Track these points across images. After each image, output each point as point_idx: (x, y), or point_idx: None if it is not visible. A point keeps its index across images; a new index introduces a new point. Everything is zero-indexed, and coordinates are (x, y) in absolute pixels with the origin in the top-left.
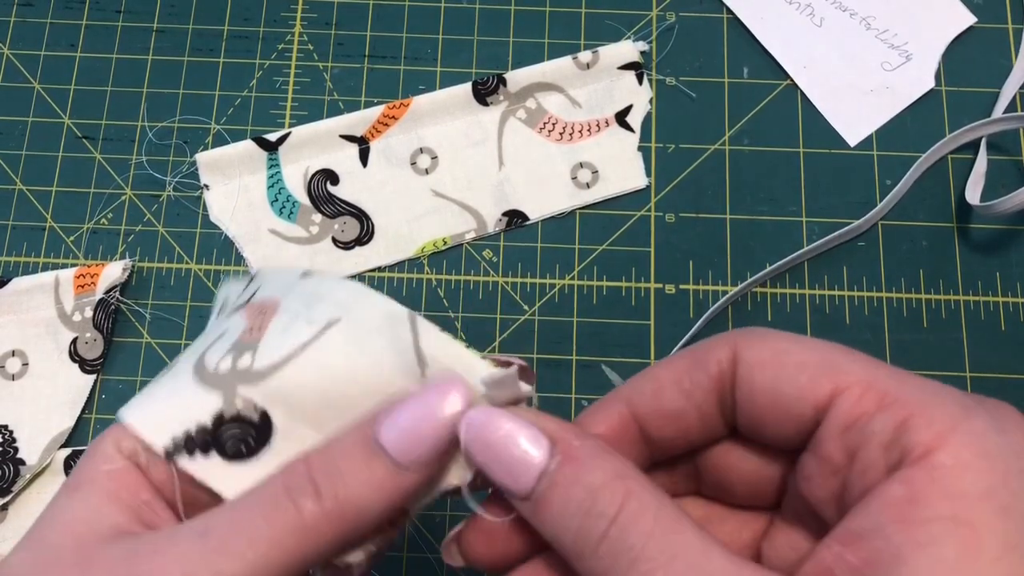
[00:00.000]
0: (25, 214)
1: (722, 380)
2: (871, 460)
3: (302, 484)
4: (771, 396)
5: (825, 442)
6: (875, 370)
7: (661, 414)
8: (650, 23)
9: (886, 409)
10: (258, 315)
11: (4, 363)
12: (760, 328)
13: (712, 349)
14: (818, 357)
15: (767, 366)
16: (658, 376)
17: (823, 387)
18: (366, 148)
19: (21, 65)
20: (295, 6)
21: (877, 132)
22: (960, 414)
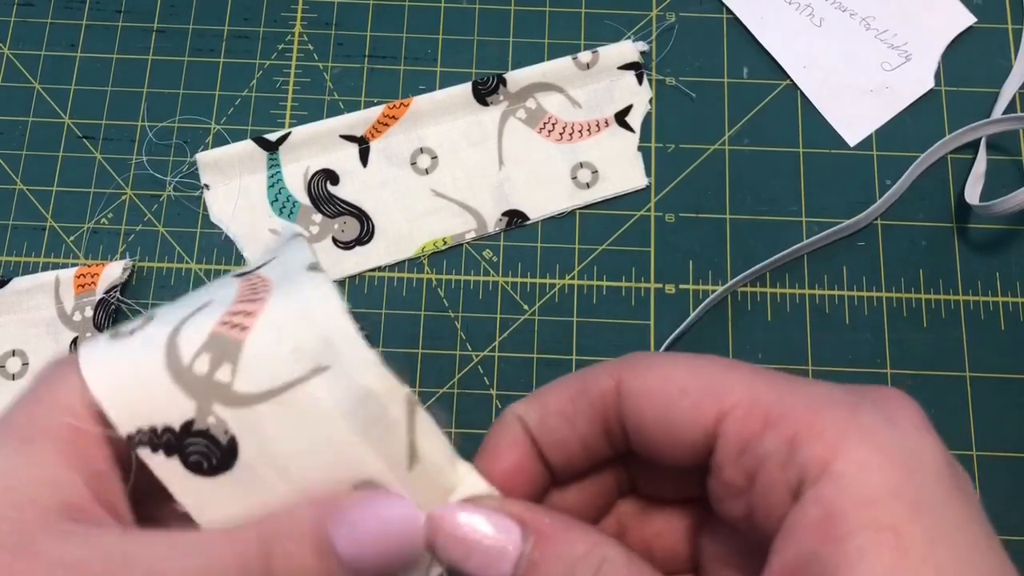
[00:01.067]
0: (25, 214)
1: (606, 410)
2: (771, 481)
3: (254, 564)
4: (660, 425)
5: (723, 468)
6: (756, 385)
7: (548, 442)
8: (650, 23)
9: (773, 427)
10: (250, 293)
11: (4, 363)
12: (644, 354)
13: (595, 378)
14: (699, 380)
15: (651, 395)
16: (545, 403)
17: (708, 411)
18: (366, 148)
19: (21, 65)
20: (295, 6)
21: (877, 132)
22: (846, 416)
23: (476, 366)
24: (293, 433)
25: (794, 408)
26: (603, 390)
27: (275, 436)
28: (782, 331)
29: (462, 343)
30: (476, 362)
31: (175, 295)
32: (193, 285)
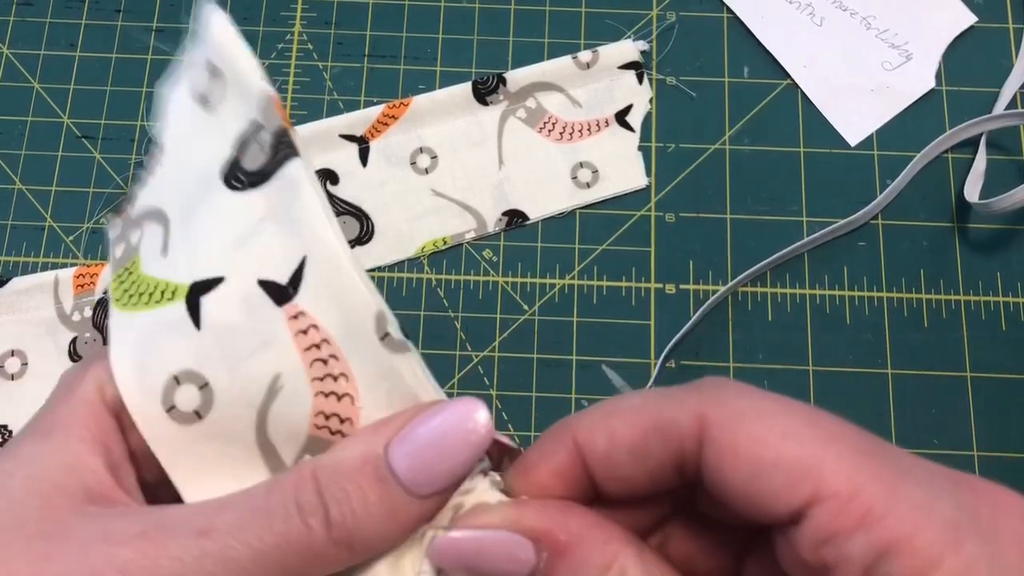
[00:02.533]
0: (24, 214)
1: (682, 453)
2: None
3: (313, 504)
4: (743, 490)
5: (800, 547)
6: (860, 472)
7: (610, 474)
8: (650, 23)
9: (868, 529)
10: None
11: (3, 363)
12: (728, 387)
13: (673, 414)
14: (798, 453)
15: (740, 458)
16: (613, 435)
17: (801, 493)
18: (366, 148)
19: (20, 65)
20: (295, 5)
21: (877, 132)
22: (949, 538)
23: (476, 366)
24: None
25: (897, 515)
26: (682, 431)
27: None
28: (782, 331)
29: (462, 343)
30: (476, 362)
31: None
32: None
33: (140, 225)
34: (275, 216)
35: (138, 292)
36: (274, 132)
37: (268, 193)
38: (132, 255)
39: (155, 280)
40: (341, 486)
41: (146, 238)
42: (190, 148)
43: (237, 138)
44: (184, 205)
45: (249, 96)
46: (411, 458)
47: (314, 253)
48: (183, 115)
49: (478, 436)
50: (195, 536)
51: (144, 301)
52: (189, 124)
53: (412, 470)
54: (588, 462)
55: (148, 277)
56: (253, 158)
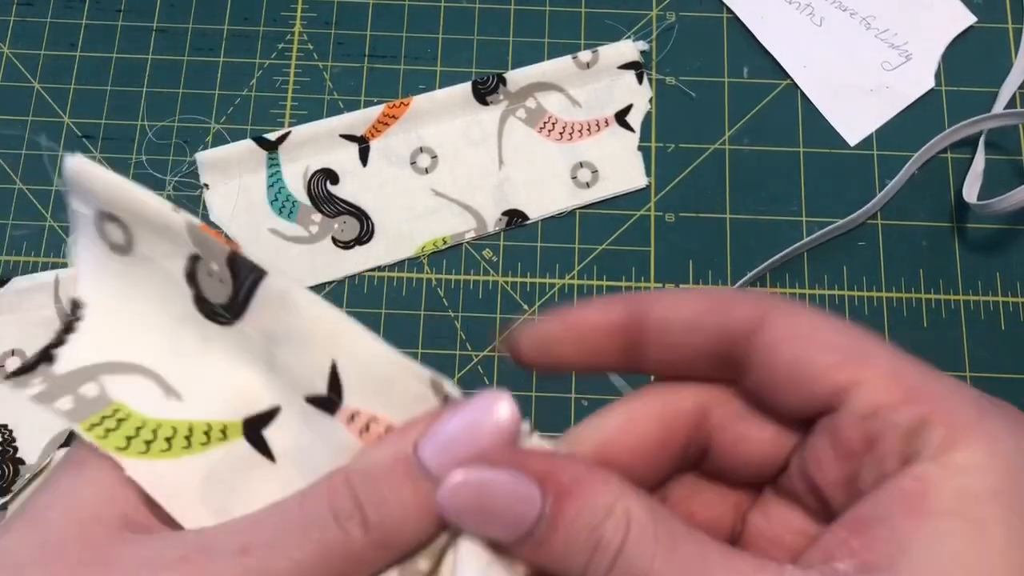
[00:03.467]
0: (25, 213)
1: (738, 340)
2: (889, 449)
3: (350, 509)
4: (792, 369)
5: (844, 427)
6: (902, 362)
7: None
8: (650, 23)
9: (909, 402)
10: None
11: (4, 362)
12: (789, 299)
13: (739, 304)
14: (847, 341)
15: (796, 339)
16: (677, 303)
17: (847, 371)
18: (366, 147)
19: (21, 64)
20: (295, 5)
21: (877, 132)
22: (977, 415)
23: (476, 366)
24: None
25: (934, 393)
26: (743, 313)
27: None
28: None
29: (462, 343)
30: (476, 362)
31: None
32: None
33: (94, 379)
34: (276, 338)
35: (162, 437)
36: (225, 260)
37: (256, 318)
38: (103, 404)
39: (183, 422)
40: (376, 488)
41: (122, 389)
42: (128, 297)
43: (183, 275)
44: (166, 357)
45: (167, 231)
46: (442, 453)
47: (341, 354)
48: (99, 267)
49: (507, 424)
50: (236, 555)
51: (183, 445)
52: (113, 274)
53: (444, 465)
54: (644, 324)
55: (166, 421)
56: (216, 291)
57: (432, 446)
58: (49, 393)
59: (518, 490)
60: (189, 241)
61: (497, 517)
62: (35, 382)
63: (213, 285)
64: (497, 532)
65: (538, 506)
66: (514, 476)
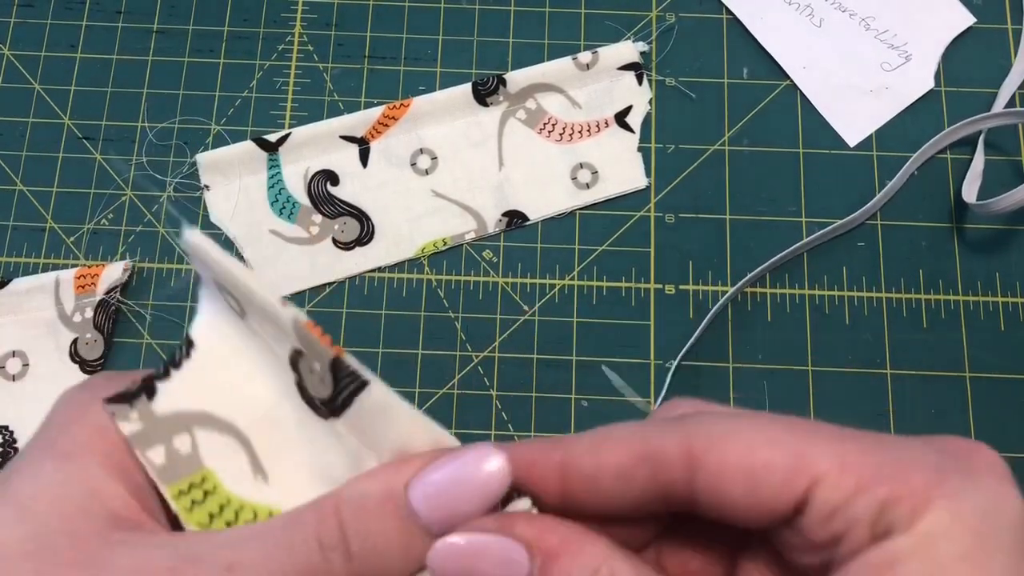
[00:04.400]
0: (25, 214)
1: (671, 482)
2: (857, 538)
3: (335, 540)
4: (745, 503)
5: (809, 530)
6: (845, 448)
7: (596, 498)
8: (650, 23)
9: (864, 491)
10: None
11: (4, 364)
12: (709, 415)
13: (660, 443)
14: (786, 451)
15: (733, 472)
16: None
17: (799, 484)
18: (366, 149)
19: (21, 66)
20: (295, 7)
21: (877, 132)
22: (936, 478)
23: (476, 366)
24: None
25: (884, 471)
26: (671, 459)
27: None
28: (782, 331)
29: (462, 343)
30: (476, 362)
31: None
32: (193, 286)
33: (189, 430)
34: (371, 443)
35: (242, 519)
36: (328, 364)
37: (353, 422)
38: (194, 467)
39: (264, 507)
40: (363, 521)
41: (213, 451)
42: (240, 353)
43: (288, 361)
44: (262, 424)
45: (274, 320)
46: (431, 498)
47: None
48: (219, 316)
49: (495, 482)
50: (222, 571)
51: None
52: (231, 327)
53: (431, 509)
54: (573, 482)
55: (248, 503)
56: (316, 387)
57: (422, 488)
58: (144, 436)
59: (507, 554)
60: (293, 336)
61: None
62: (132, 416)
63: (314, 381)
64: None
65: (526, 569)
66: (503, 541)
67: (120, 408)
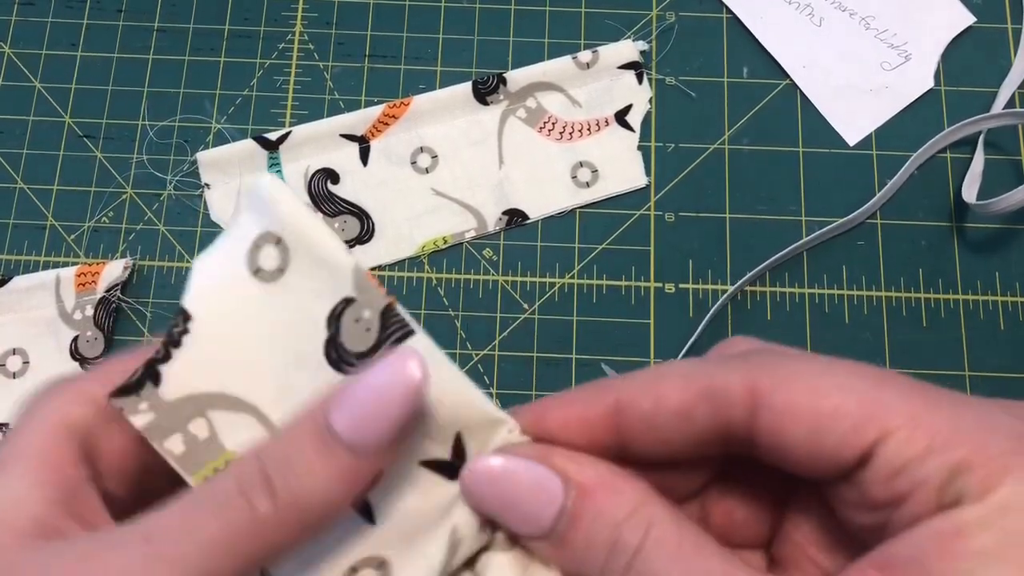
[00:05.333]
0: (26, 213)
1: (731, 420)
2: (922, 505)
3: (254, 480)
4: (808, 445)
5: (871, 485)
6: (919, 403)
7: (652, 438)
8: (650, 23)
9: (937, 452)
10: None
11: (5, 361)
12: (777, 353)
13: (724, 380)
14: (857, 398)
15: (799, 414)
16: (661, 397)
17: (868, 434)
18: (366, 147)
19: (22, 64)
20: (295, 5)
21: (876, 132)
22: (1012, 447)
23: (476, 365)
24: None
25: (959, 433)
26: (734, 397)
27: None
28: (782, 330)
29: (462, 342)
30: (476, 361)
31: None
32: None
33: (204, 414)
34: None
35: None
36: (380, 310)
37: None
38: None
39: None
40: (284, 458)
41: (232, 432)
42: (246, 324)
43: (326, 315)
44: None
45: (331, 269)
46: (350, 418)
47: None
48: (224, 287)
49: (415, 384)
50: (139, 544)
51: None
52: (239, 298)
53: (353, 429)
54: (628, 421)
55: None
56: (358, 339)
57: (341, 411)
58: (158, 426)
59: (541, 482)
60: (350, 283)
61: (519, 507)
62: (142, 407)
63: (357, 332)
64: (518, 523)
65: (560, 500)
66: (539, 468)
67: (128, 401)
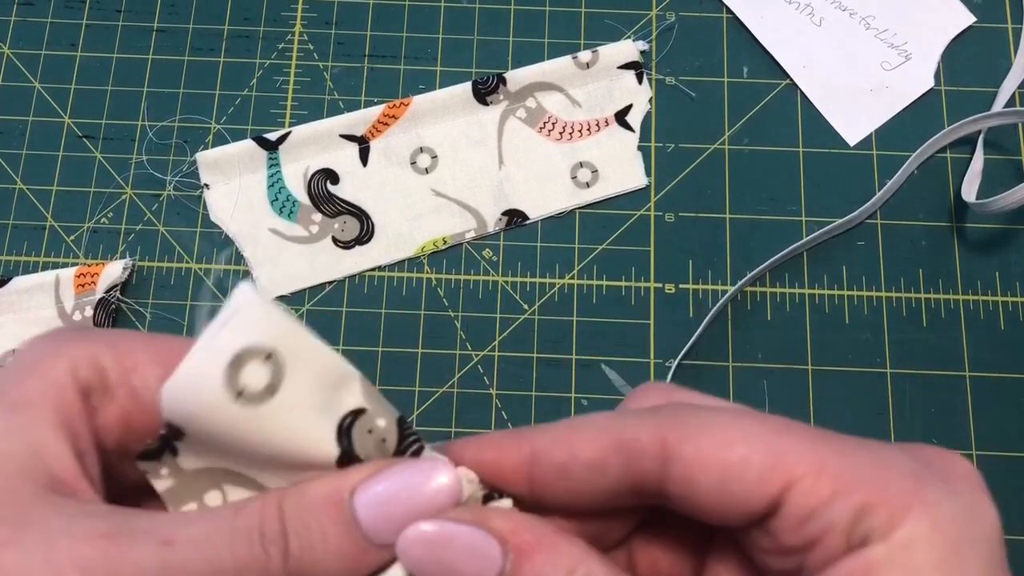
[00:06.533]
0: (25, 213)
1: (644, 473)
2: (832, 548)
3: (275, 535)
4: (716, 496)
5: (781, 533)
6: (823, 451)
7: (566, 488)
8: (650, 23)
9: (841, 496)
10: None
11: (4, 362)
12: (686, 408)
13: (635, 434)
14: (762, 448)
15: (707, 465)
16: (573, 450)
17: (774, 484)
18: (366, 147)
19: (21, 65)
20: (295, 6)
21: (876, 131)
22: (913, 486)
23: (476, 365)
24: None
25: (861, 477)
26: (645, 449)
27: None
28: (782, 331)
29: (462, 343)
30: (476, 361)
31: (175, 294)
32: (193, 285)
33: (219, 487)
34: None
35: None
36: (395, 420)
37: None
38: None
39: None
40: (304, 520)
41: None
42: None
43: (335, 431)
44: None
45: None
46: (375, 507)
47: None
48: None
49: (443, 496)
50: (158, 544)
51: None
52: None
53: (374, 518)
54: (542, 472)
55: None
56: (372, 449)
57: (368, 497)
58: (176, 494)
59: (479, 546)
60: (359, 393)
61: (457, 572)
62: (163, 472)
63: (371, 443)
64: None
65: (498, 564)
66: (476, 531)
67: (150, 465)
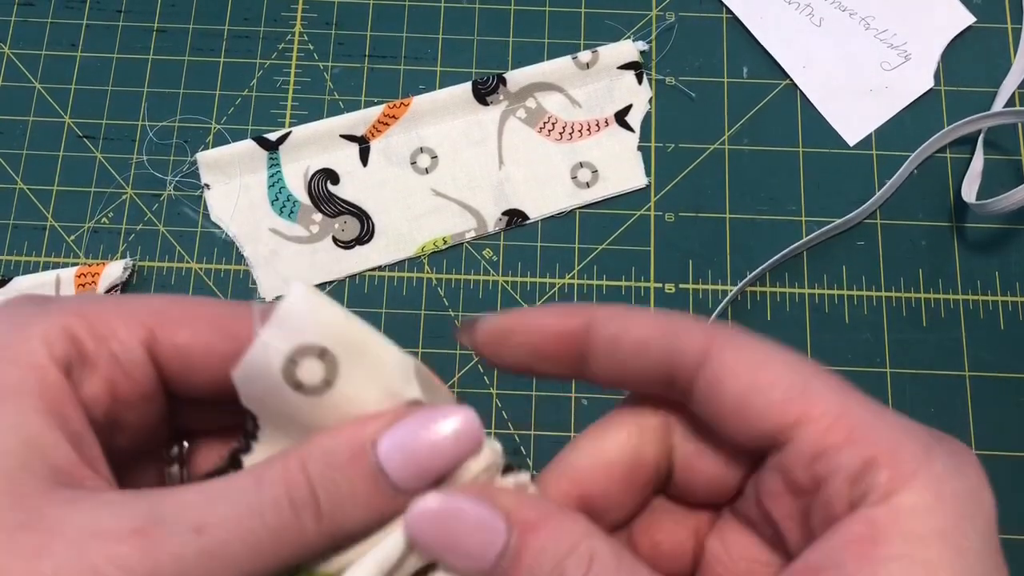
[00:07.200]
0: (26, 213)
1: (680, 370)
2: (836, 492)
3: (305, 499)
4: (737, 403)
5: (791, 467)
6: (847, 401)
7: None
8: (650, 23)
9: (854, 444)
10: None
11: None
12: (739, 331)
13: (687, 333)
14: (793, 377)
15: (741, 374)
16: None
17: (792, 410)
18: (366, 147)
19: (22, 65)
20: (295, 6)
21: (876, 132)
22: (923, 455)
23: (476, 366)
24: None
25: (879, 434)
26: (689, 344)
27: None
28: (782, 330)
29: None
30: (476, 362)
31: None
32: (193, 285)
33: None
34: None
35: None
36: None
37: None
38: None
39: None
40: (331, 477)
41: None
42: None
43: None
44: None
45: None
46: (398, 454)
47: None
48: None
49: (463, 439)
50: (192, 533)
51: None
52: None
53: (401, 466)
54: (594, 341)
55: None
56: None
57: (390, 445)
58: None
59: (484, 520)
60: (415, 384)
61: (462, 546)
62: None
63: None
64: (461, 561)
65: (503, 538)
66: (482, 506)
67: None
